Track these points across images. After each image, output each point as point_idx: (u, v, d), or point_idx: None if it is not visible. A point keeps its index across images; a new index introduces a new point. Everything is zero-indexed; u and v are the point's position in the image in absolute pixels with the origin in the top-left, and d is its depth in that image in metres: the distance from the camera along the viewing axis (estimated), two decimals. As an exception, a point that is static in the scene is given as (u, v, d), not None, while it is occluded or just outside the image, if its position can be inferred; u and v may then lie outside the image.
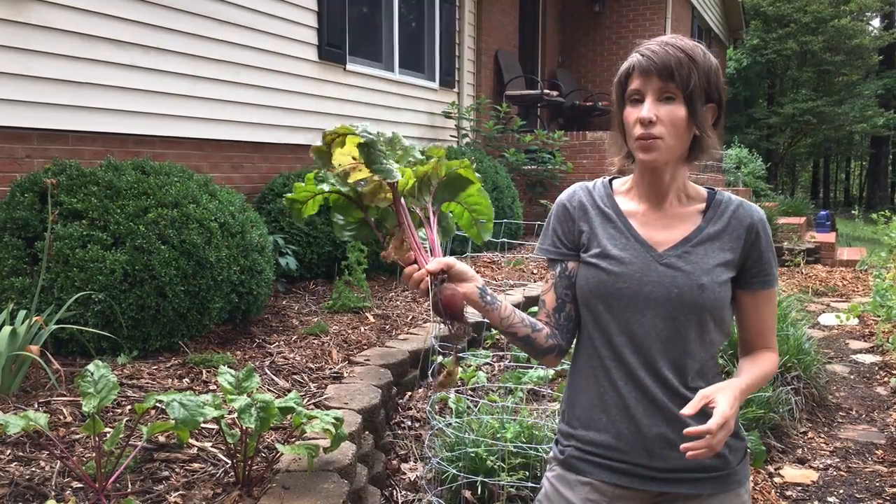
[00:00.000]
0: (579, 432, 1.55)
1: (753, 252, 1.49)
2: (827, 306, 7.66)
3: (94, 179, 3.55)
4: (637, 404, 1.47)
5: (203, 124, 5.21)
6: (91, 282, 3.25)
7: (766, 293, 1.51)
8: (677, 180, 1.52)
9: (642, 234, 1.51)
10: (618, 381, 1.49)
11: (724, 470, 1.50)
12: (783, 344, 4.38)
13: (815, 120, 22.65)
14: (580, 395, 1.56)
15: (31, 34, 4.04)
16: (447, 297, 1.41)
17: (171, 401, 2.00)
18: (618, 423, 1.49)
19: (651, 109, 1.42)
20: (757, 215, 1.51)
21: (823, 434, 4.17)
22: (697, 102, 1.43)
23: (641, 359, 1.47)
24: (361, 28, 7.34)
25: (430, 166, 1.49)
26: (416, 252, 1.42)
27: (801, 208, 12.99)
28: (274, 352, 3.61)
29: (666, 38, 1.47)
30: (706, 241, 1.49)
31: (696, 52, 1.45)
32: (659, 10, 11.87)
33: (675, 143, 1.44)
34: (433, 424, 2.93)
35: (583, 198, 1.58)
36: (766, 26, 23.11)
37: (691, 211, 1.53)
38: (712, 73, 1.46)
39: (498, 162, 7.80)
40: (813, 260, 10.02)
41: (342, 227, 1.53)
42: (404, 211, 1.44)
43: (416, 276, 1.40)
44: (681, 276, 1.46)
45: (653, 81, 1.42)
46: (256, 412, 2.10)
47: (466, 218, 1.61)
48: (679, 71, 1.41)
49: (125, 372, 3.10)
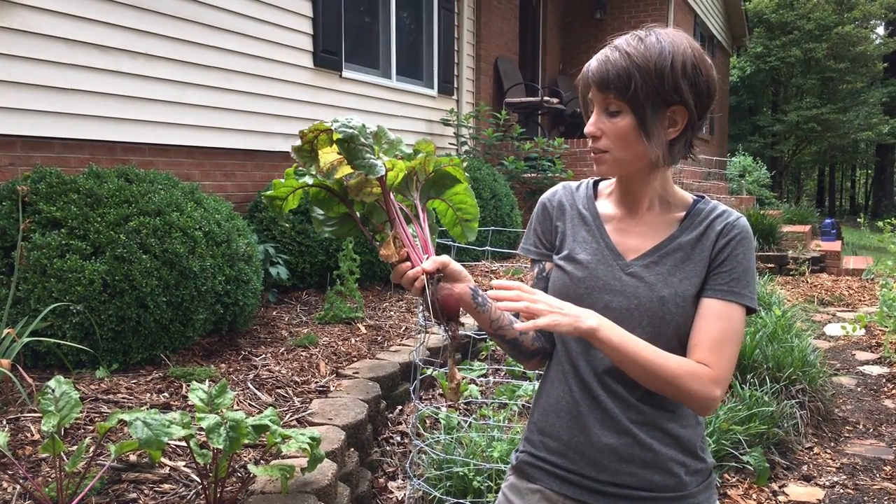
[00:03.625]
0: (535, 437, 1.48)
1: (717, 259, 1.36)
2: (833, 316, 7.51)
3: (74, 187, 3.44)
4: (589, 412, 1.40)
5: (193, 131, 5.11)
6: (69, 292, 3.14)
7: (715, 304, 1.34)
8: (651, 186, 1.42)
9: (614, 241, 1.43)
10: (573, 386, 1.42)
11: (679, 491, 1.39)
12: (787, 356, 4.24)
13: (820, 128, 22.49)
14: (543, 397, 1.49)
15: (14, 39, 3.94)
16: (444, 298, 1.32)
17: (135, 420, 1.88)
18: (570, 429, 1.41)
19: (594, 123, 1.35)
20: (734, 221, 1.38)
21: (830, 449, 4.03)
22: (645, 109, 1.31)
23: (593, 367, 1.40)
24: (358, 34, 7.25)
25: (419, 161, 1.39)
26: (410, 249, 1.33)
27: (805, 216, 12.85)
28: (259, 364, 3.49)
29: (620, 40, 1.34)
30: (676, 252, 1.39)
31: (644, 54, 1.30)
32: (660, 16, 11.78)
33: (625, 156, 1.35)
34: (415, 443, 2.80)
35: (563, 197, 1.52)
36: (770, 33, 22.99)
37: (669, 219, 1.43)
38: (667, 72, 1.29)
39: (497, 170, 7.69)
40: (818, 269, 9.87)
41: (322, 223, 1.42)
42: (395, 206, 1.34)
43: (411, 274, 1.31)
44: (642, 288, 1.37)
45: (596, 94, 1.35)
46: (226, 432, 1.99)
47: (450, 216, 1.51)
48: (616, 82, 1.30)
49: (102, 386, 2.98)
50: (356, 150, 1.23)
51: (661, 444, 1.38)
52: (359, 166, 1.23)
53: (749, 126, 25.37)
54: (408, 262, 1.31)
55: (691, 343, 1.34)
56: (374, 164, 1.24)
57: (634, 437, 1.37)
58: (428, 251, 1.33)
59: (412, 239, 1.32)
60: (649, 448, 1.37)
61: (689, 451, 1.41)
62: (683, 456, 1.40)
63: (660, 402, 1.39)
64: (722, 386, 1.31)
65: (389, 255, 1.30)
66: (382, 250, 1.29)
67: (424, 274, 1.29)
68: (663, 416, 1.39)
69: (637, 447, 1.37)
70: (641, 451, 1.37)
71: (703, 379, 1.29)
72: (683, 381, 1.28)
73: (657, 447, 1.38)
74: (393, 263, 1.31)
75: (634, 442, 1.37)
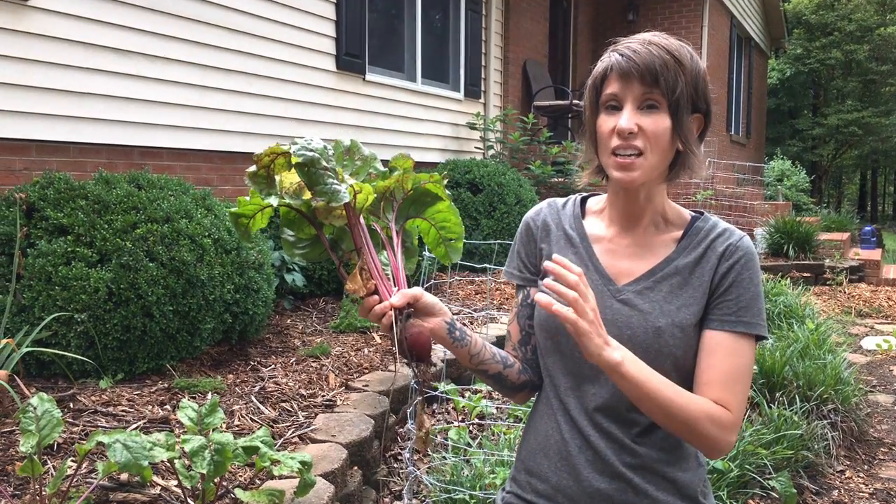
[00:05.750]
0: (521, 476, 1.36)
1: (721, 285, 1.24)
2: (871, 328, 7.24)
3: (82, 193, 3.40)
4: (579, 453, 1.27)
5: (212, 135, 5.07)
6: (74, 301, 3.09)
7: (724, 338, 1.22)
8: (654, 202, 1.29)
9: (604, 264, 1.30)
10: (562, 424, 1.29)
11: None
12: (819, 373, 4.05)
13: (861, 131, 21.94)
14: (531, 434, 1.37)
15: (30, 43, 3.92)
16: (414, 336, 1.20)
17: (114, 442, 1.80)
18: (559, 471, 1.29)
19: (631, 119, 1.19)
20: (737, 242, 1.26)
21: (863, 473, 3.83)
22: (684, 112, 1.20)
23: (584, 405, 1.27)
24: (382, 37, 7.17)
25: (394, 180, 1.27)
26: (379, 282, 1.21)
27: (844, 223, 12.48)
28: (267, 376, 3.41)
29: (648, 37, 1.24)
30: (673, 276, 1.26)
31: (682, 54, 1.22)
32: (695, 18, 11.54)
33: (658, 160, 1.22)
34: (411, 470, 2.69)
35: (548, 217, 1.39)
36: (809, 35, 22.50)
37: (666, 239, 1.30)
38: (700, 78, 1.23)
39: (522, 175, 7.55)
40: (856, 278, 9.55)
41: (292, 245, 1.32)
42: (363, 232, 1.22)
43: (378, 309, 1.20)
44: (636, 317, 1.24)
45: (633, 86, 1.20)
46: (210, 455, 1.90)
47: (433, 235, 1.39)
48: (665, 75, 1.18)
49: (103, 398, 2.92)
50: (317, 176, 1.12)
51: (657, 489, 1.26)
52: (319, 193, 1.12)
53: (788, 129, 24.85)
54: (376, 294, 1.20)
55: (699, 381, 1.22)
56: (337, 190, 1.12)
57: (628, 482, 1.25)
58: (399, 282, 1.22)
59: (381, 269, 1.20)
60: (645, 494, 1.25)
61: (688, 497, 1.28)
62: (682, 503, 1.27)
63: (657, 444, 1.26)
64: (737, 430, 1.20)
65: (356, 290, 1.18)
66: (348, 284, 1.18)
67: (393, 309, 1.18)
68: (660, 460, 1.27)
69: (631, 493, 1.25)
70: (636, 498, 1.25)
71: (721, 423, 1.18)
72: (702, 425, 1.17)
73: (653, 493, 1.25)
74: (360, 297, 1.20)
75: (628, 487, 1.25)
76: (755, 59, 16.26)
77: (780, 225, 9.74)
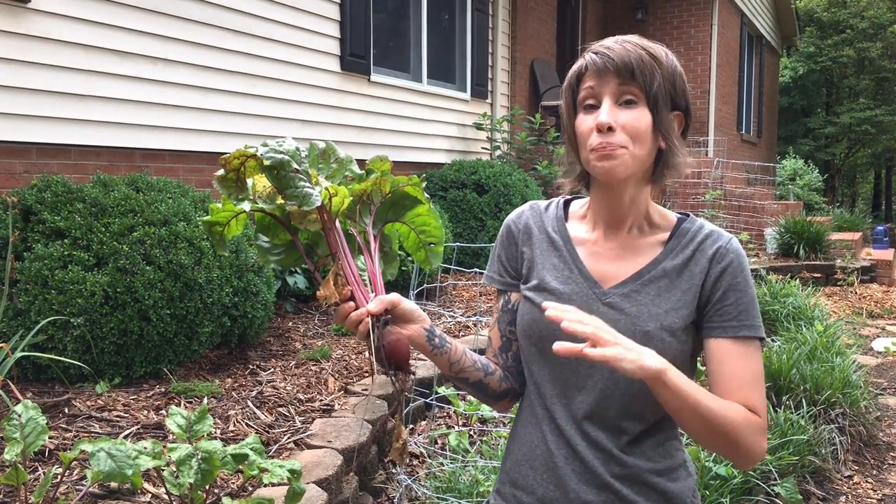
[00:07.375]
0: (506, 489, 1.32)
1: (716, 290, 1.20)
2: (882, 330, 7.14)
3: (80, 196, 3.38)
4: (565, 464, 1.23)
5: (215, 137, 5.05)
6: (70, 305, 3.07)
7: (731, 345, 1.18)
8: (638, 203, 1.26)
9: (588, 267, 1.26)
10: (548, 434, 1.25)
11: None
12: (827, 376, 3.98)
13: (874, 130, 21.71)
14: (515, 444, 1.33)
15: (30, 45, 3.92)
16: (392, 344, 1.17)
17: (97, 451, 1.77)
18: (545, 483, 1.25)
19: (610, 114, 1.16)
20: (726, 245, 1.23)
21: (871, 478, 3.76)
22: (663, 107, 1.18)
23: (572, 413, 1.23)
24: (387, 37, 7.14)
25: (371, 183, 1.23)
26: (355, 288, 1.17)
27: (856, 223, 12.35)
28: (265, 380, 3.38)
29: (622, 37, 1.23)
30: (660, 278, 1.23)
31: (658, 51, 1.21)
32: (705, 16, 11.45)
33: (639, 154, 1.18)
34: (401, 479, 2.66)
35: (530, 219, 1.35)
36: (822, 32, 22.27)
37: (652, 241, 1.26)
38: (677, 76, 1.22)
39: (529, 175, 7.50)
40: (868, 279, 9.43)
41: (267, 252, 1.28)
42: (339, 237, 1.19)
43: (354, 316, 1.16)
44: (623, 321, 1.20)
45: (610, 83, 1.17)
46: (198, 464, 1.87)
47: (413, 240, 1.36)
48: (641, 68, 1.16)
49: (98, 402, 2.90)
50: (287, 179, 1.08)
51: (647, 500, 1.22)
52: (290, 196, 1.08)
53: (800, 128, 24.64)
54: (352, 301, 1.16)
55: (720, 392, 1.18)
56: (309, 193, 1.09)
57: (617, 494, 1.21)
58: (377, 288, 1.18)
59: (358, 275, 1.17)
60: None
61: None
62: None
63: (646, 454, 1.23)
64: (766, 434, 1.18)
65: (328, 296, 1.14)
66: (320, 290, 1.15)
67: (369, 316, 1.15)
68: (650, 470, 1.23)
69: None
70: None
71: (757, 428, 1.15)
72: (742, 433, 1.13)
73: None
74: (335, 304, 1.16)
75: (617, 499, 1.21)
76: (766, 58, 16.13)
77: (790, 225, 9.63)
